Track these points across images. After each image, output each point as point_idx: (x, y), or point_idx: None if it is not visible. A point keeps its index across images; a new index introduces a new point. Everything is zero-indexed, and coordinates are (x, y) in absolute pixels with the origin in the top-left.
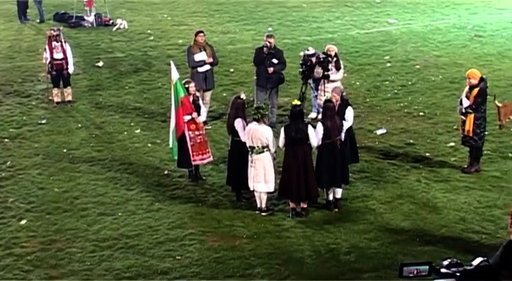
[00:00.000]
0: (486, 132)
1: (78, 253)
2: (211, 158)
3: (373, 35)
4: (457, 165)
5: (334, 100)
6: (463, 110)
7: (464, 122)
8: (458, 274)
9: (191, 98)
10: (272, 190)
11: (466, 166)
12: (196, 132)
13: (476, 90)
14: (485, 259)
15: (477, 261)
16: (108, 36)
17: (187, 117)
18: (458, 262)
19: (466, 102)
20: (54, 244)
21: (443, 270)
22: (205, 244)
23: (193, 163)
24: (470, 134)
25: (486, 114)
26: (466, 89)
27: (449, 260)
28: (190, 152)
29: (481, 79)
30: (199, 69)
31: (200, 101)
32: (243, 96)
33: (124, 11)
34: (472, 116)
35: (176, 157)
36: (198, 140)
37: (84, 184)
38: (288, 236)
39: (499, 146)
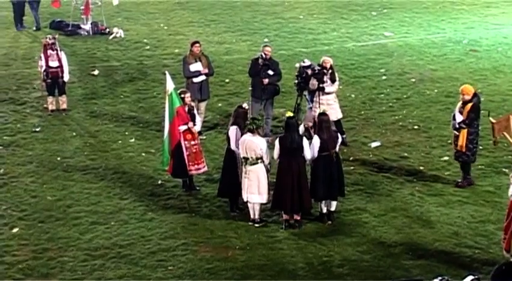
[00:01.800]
0: (480, 147)
1: (70, 262)
2: (206, 168)
3: (369, 47)
4: (451, 179)
5: (308, 127)
6: (457, 125)
7: (457, 137)
8: None
9: (186, 108)
10: (265, 201)
11: (459, 181)
12: (192, 142)
13: (469, 105)
14: (477, 277)
15: (468, 279)
16: (104, 44)
17: (183, 127)
18: (449, 280)
19: (459, 117)
20: (46, 253)
21: None
22: (198, 254)
23: (189, 173)
24: (463, 150)
25: (479, 130)
26: (459, 104)
27: (440, 277)
28: (187, 162)
29: (475, 95)
30: (195, 80)
31: (195, 111)
32: (245, 105)
33: (120, 20)
34: (465, 131)
35: (166, 167)
36: (194, 150)
37: (78, 193)
38: (281, 248)
39: (493, 160)
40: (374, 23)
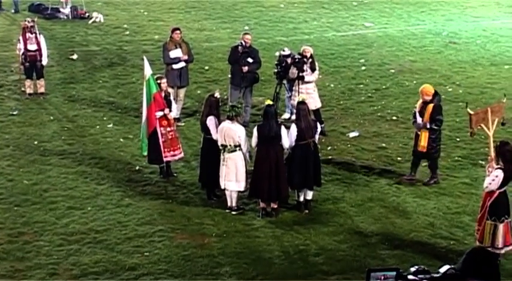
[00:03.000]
0: (457, 139)
1: (46, 247)
2: (182, 155)
3: (349, 37)
4: (428, 171)
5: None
6: (428, 126)
7: (417, 136)
8: None
9: (163, 94)
10: (243, 189)
11: (426, 180)
12: (168, 129)
13: (431, 106)
14: (452, 266)
15: (444, 269)
16: (83, 29)
17: (159, 114)
18: (426, 269)
19: (419, 119)
20: (21, 237)
21: (410, 277)
22: (174, 241)
23: (164, 159)
24: (425, 150)
25: (441, 129)
26: (419, 103)
27: (416, 267)
28: (162, 149)
29: (435, 94)
30: (174, 66)
31: (171, 97)
32: (217, 94)
33: (100, 5)
34: (427, 133)
35: (145, 153)
36: (170, 137)
37: (54, 177)
38: (257, 236)
39: (470, 153)
40: (354, 13)
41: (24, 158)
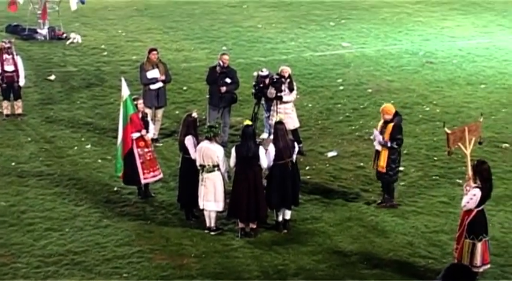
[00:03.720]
0: (435, 158)
1: (23, 269)
2: (161, 175)
3: (327, 57)
4: (406, 190)
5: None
6: (389, 144)
7: (377, 156)
8: None
9: (140, 115)
10: (221, 209)
11: (380, 201)
12: (146, 150)
13: (391, 125)
14: None
15: None
16: (61, 50)
17: (136, 135)
18: None
19: (379, 136)
20: None
21: None
22: (153, 262)
23: (143, 181)
24: (384, 170)
25: (401, 149)
26: (381, 123)
27: None
28: (141, 170)
29: (396, 114)
30: (152, 87)
31: (149, 118)
32: (194, 114)
33: (78, 25)
34: (386, 152)
35: (119, 174)
36: (148, 158)
37: (32, 199)
38: (237, 256)
39: (448, 171)
40: (332, 34)
41: (2, 179)
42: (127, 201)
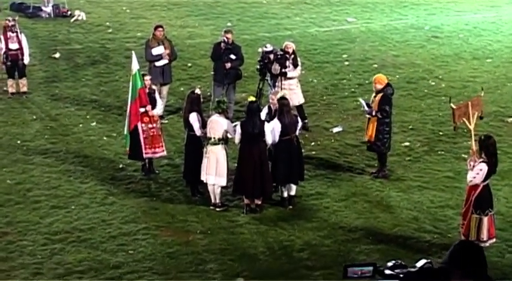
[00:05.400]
0: (440, 133)
1: (29, 246)
2: (164, 153)
3: (332, 33)
4: (411, 165)
5: (272, 105)
6: (373, 113)
7: (367, 125)
8: (401, 276)
9: (147, 91)
10: (223, 184)
11: (374, 171)
12: (150, 126)
13: (380, 95)
14: (429, 261)
15: (421, 263)
16: (65, 27)
17: (141, 110)
18: (403, 264)
19: (363, 105)
20: (5, 237)
21: (387, 271)
22: (159, 238)
23: (144, 156)
24: (373, 140)
25: (391, 120)
26: (373, 94)
27: (393, 261)
28: (143, 145)
29: (387, 85)
30: (157, 64)
31: (157, 95)
32: (197, 91)
33: (82, 3)
34: (375, 121)
35: (127, 148)
36: (151, 134)
37: (38, 176)
38: (242, 232)
39: (453, 146)
40: (337, 9)
41: (7, 157)
42: (132, 178)
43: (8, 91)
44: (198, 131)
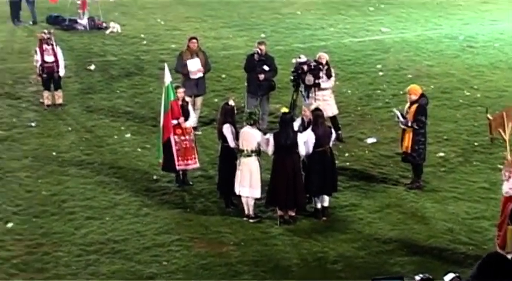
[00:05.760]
0: (475, 144)
1: (65, 257)
2: (197, 165)
3: (366, 43)
4: (446, 176)
5: (305, 117)
6: (409, 124)
7: (403, 136)
8: None
9: (180, 103)
10: (257, 196)
11: (409, 183)
12: (182, 138)
13: (415, 106)
14: (457, 274)
15: (449, 277)
16: (100, 39)
17: (173, 122)
18: (430, 278)
19: (398, 116)
20: (40, 248)
21: None
22: (192, 250)
23: (177, 168)
24: (409, 151)
25: (426, 131)
26: (407, 104)
27: (421, 275)
28: (176, 157)
29: (421, 95)
30: (191, 76)
31: (190, 107)
32: (231, 102)
33: (117, 15)
34: (411, 132)
35: (160, 160)
36: (184, 146)
37: (73, 188)
38: (275, 244)
39: (488, 157)
40: (371, 19)
41: (43, 169)
42: (166, 189)
43: (43, 103)
44: (231, 143)
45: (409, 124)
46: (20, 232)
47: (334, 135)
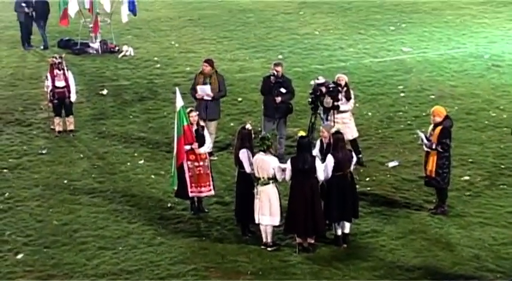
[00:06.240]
0: (502, 166)
1: None
2: (211, 192)
3: (387, 63)
4: (472, 200)
5: (323, 138)
6: (433, 146)
7: (426, 159)
8: None
9: (194, 128)
10: (277, 223)
11: (433, 208)
12: (196, 164)
13: (439, 128)
14: None
15: None
16: (113, 63)
17: (187, 147)
18: None
19: (422, 138)
20: (51, 280)
21: None
22: (208, 280)
23: (189, 194)
24: (433, 175)
25: (451, 154)
26: (431, 126)
27: None
28: (189, 184)
29: (446, 117)
30: (198, 96)
31: (206, 131)
32: (248, 126)
33: (130, 38)
34: (435, 156)
35: (175, 187)
36: (197, 172)
37: (84, 217)
38: (295, 273)
39: None
40: (392, 38)
41: (54, 197)
42: (181, 217)
43: (54, 129)
44: (248, 169)
45: (433, 147)
46: (31, 263)
47: (355, 159)
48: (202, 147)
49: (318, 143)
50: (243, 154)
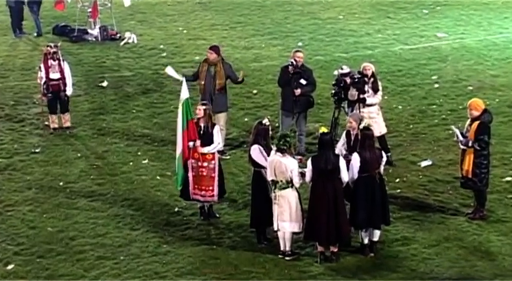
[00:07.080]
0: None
1: None
2: (214, 199)
3: (419, 51)
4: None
5: (351, 129)
6: (470, 144)
7: (463, 158)
8: None
9: (203, 124)
10: (298, 230)
11: (470, 212)
12: (199, 164)
13: (476, 123)
14: None
15: None
16: (114, 52)
17: (190, 144)
18: None
19: (457, 134)
20: None
21: None
22: None
23: (191, 196)
24: (470, 175)
25: (490, 152)
26: (468, 121)
27: None
28: (191, 184)
29: (484, 111)
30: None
31: (216, 129)
32: (266, 121)
33: (133, 23)
34: (472, 154)
35: (180, 187)
36: (200, 173)
37: (82, 223)
38: None
39: None
40: (425, 23)
41: (48, 201)
42: (189, 223)
43: (49, 126)
44: (264, 163)
45: (470, 144)
46: (22, 274)
47: (384, 158)
48: (207, 147)
49: (343, 136)
50: (255, 151)
